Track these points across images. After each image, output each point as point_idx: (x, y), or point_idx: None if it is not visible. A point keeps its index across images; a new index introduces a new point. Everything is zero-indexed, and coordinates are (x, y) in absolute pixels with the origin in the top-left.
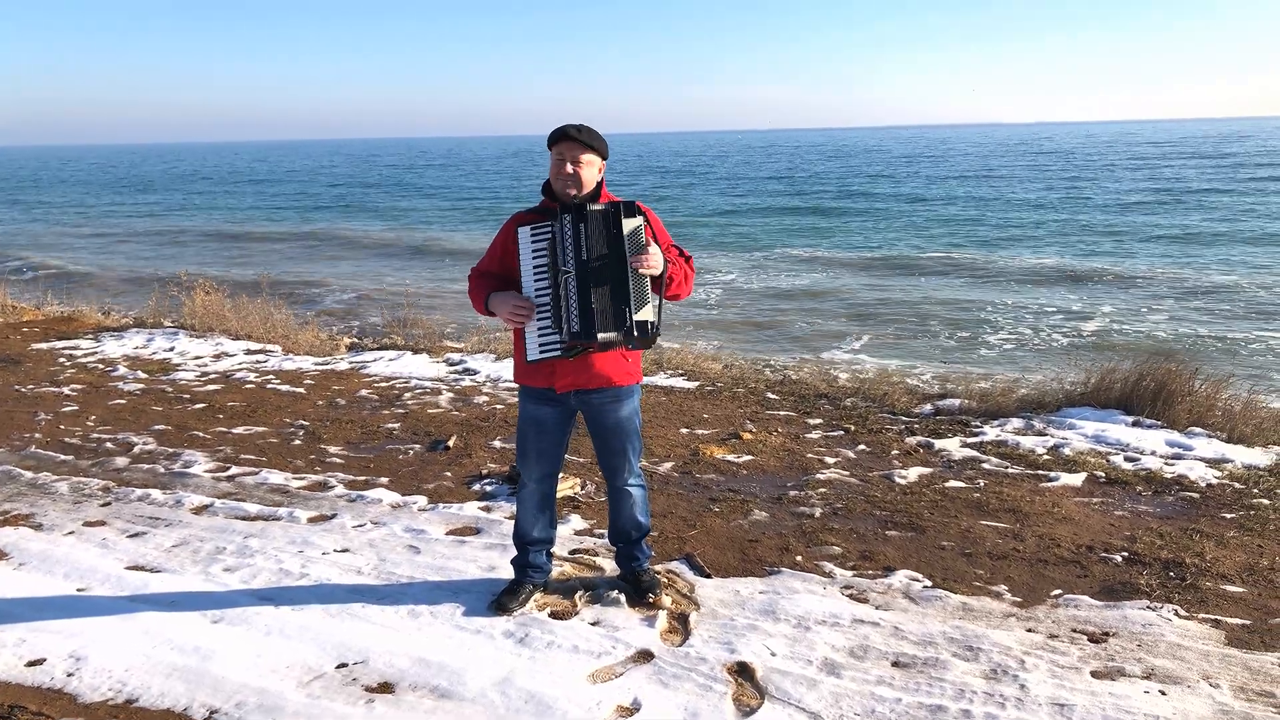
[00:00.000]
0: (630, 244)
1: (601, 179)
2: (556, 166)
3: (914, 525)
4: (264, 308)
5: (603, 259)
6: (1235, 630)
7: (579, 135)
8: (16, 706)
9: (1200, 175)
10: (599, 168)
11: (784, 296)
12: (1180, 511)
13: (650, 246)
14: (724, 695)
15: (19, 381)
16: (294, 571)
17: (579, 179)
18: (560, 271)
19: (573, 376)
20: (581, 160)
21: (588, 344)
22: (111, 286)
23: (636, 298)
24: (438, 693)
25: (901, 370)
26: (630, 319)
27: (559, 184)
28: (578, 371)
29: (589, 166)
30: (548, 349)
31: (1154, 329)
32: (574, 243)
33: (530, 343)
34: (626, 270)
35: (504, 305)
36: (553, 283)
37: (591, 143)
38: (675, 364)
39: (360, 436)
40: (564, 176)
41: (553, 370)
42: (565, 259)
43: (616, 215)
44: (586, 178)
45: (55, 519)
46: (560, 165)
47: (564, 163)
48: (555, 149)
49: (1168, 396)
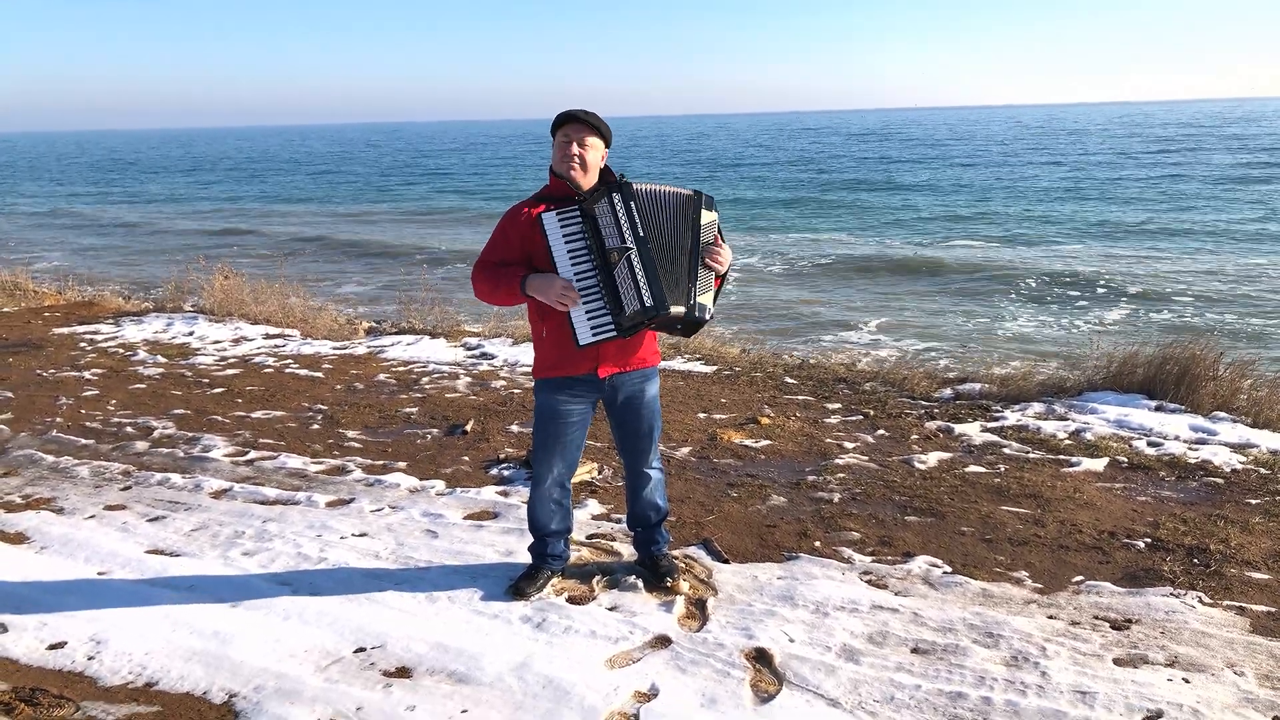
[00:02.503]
0: (706, 234)
1: (605, 165)
2: (562, 148)
3: (934, 511)
4: (282, 292)
5: (668, 238)
6: (1260, 617)
7: (586, 117)
8: (38, 689)
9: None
10: (602, 153)
11: (802, 280)
12: (1204, 497)
13: (725, 245)
14: (742, 681)
15: (41, 366)
16: (312, 556)
17: (584, 161)
18: (616, 250)
19: (615, 360)
20: (587, 143)
21: (653, 319)
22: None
23: (702, 283)
24: (455, 677)
25: (921, 354)
26: (695, 298)
27: (563, 165)
28: (620, 355)
29: (594, 150)
30: (601, 330)
31: (1179, 315)
32: (628, 221)
33: (580, 327)
34: (698, 257)
35: (549, 288)
36: (599, 264)
37: (597, 125)
38: (693, 348)
39: (378, 421)
40: (569, 157)
41: (598, 354)
42: (619, 237)
43: (695, 203)
44: (591, 160)
45: (76, 503)
46: (566, 146)
47: (570, 144)
48: (561, 131)
49: (1191, 381)
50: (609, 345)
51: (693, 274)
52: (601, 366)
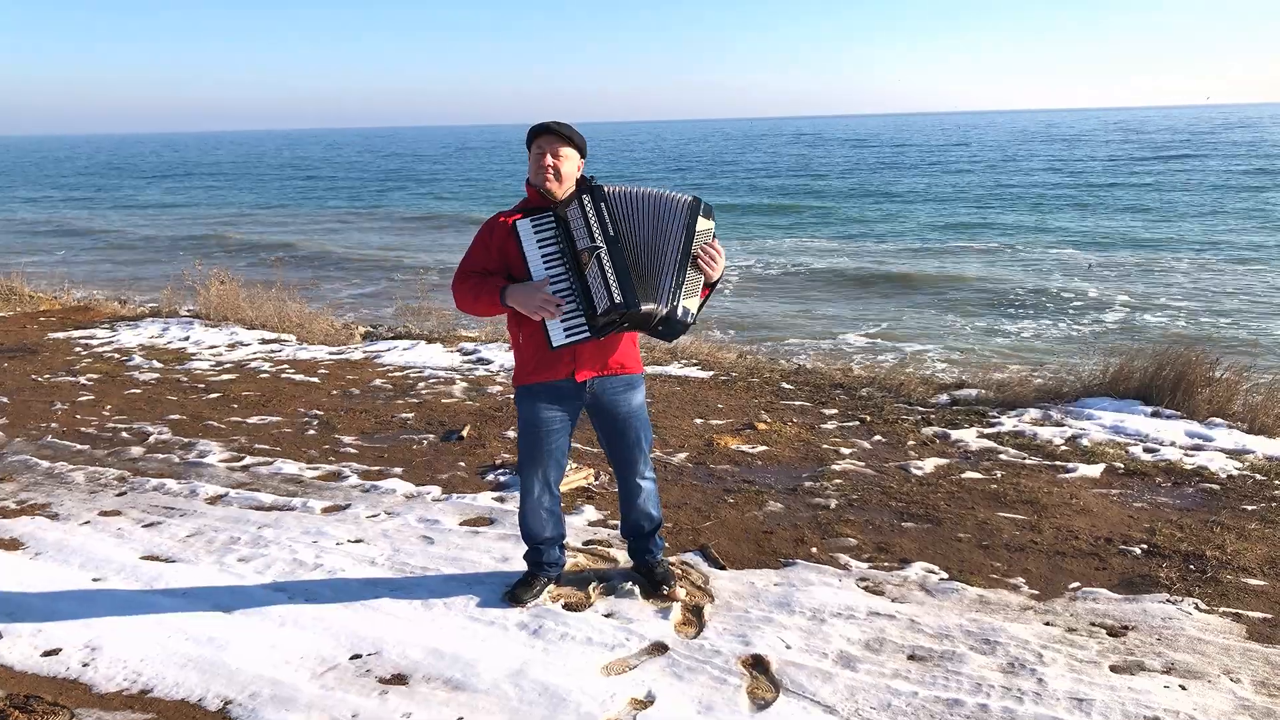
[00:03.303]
0: (699, 240)
1: (581, 174)
2: (536, 160)
3: (930, 517)
4: (279, 297)
5: (645, 238)
6: (1257, 624)
7: (558, 129)
8: (33, 696)
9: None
10: (578, 163)
11: (798, 284)
12: (1200, 503)
13: (720, 254)
14: (738, 688)
15: (36, 371)
16: (308, 562)
17: (559, 171)
18: (586, 250)
19: (592, 363)
20: (561, 154)
21: (624, 315)
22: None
23: (689, 286)
24: (451, 684)
25: (918, 360)
26: (679, 300)
27: (539, 177)
28: (596, 358)
29: (568, 160)
30: (575, 331)
31: (1174, 319)
32: (598, 221)
33: (553, 329)
34: (686, 260)
35: (531, 297)
36: (571, 266)
37: (570, 136)
38: (689, 353)
39: (374, 426)
40: (544, 169)
41: (574, 357)
42: (589, 237)
43: (693, 209)
44: (566, 171)
45: (71, 508)
46: (540, 159)
47: (544, 155)
48: (536, 143)
49: (1187, 387)
50: (586, 348)
51: (678, 276)
52: (579, 371)
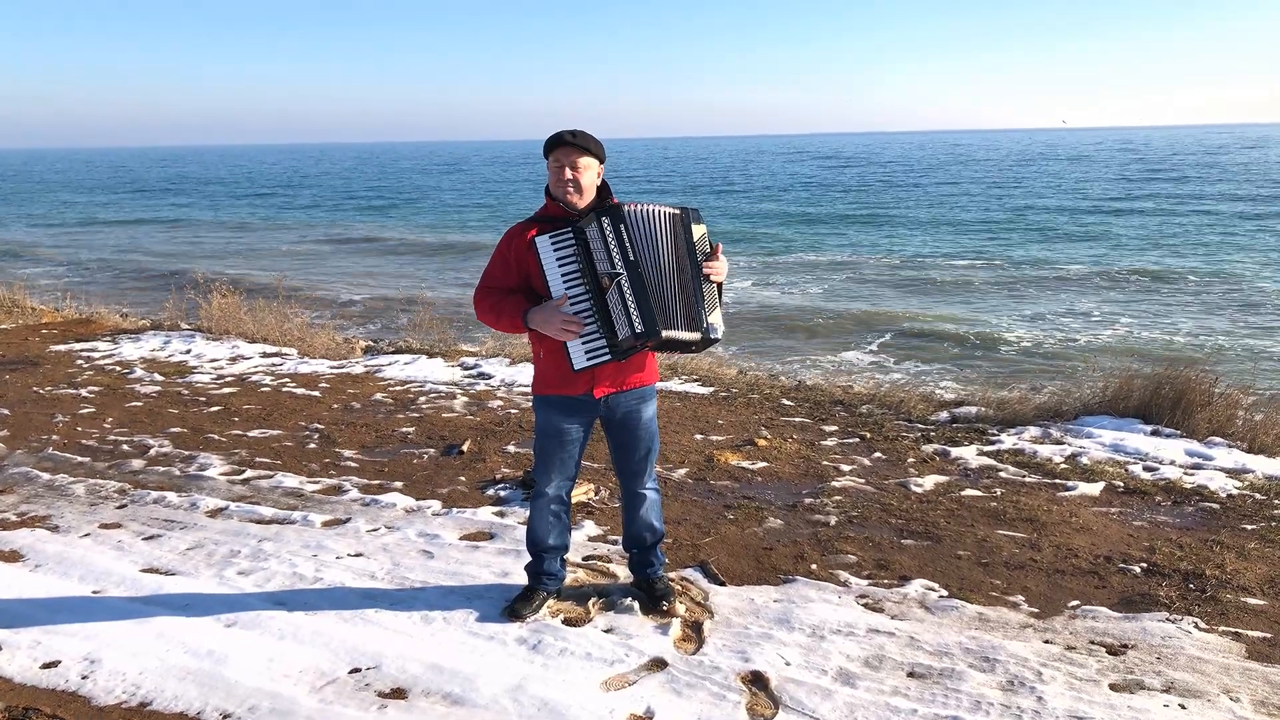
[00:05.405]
0: (700, 249)
1: (602, 181)
2: (555, 173)
3: (930, 534)
4: (280, 310)
5: (663, 259)
6: (1256, 643)
7: (574, 140)
8: (32, 709)
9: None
10: (597, 171)
11: (799, 302)
12: (1200, 522)
13: (720, 255)
14: (738, 705)
15: (37, 383)
16: (308, 576)
17: (579, 184)
18: (606, 275)
19: (610, 380)
20: (579, 165)
21: (646, 343)
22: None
23: (709, 301)
24: (450, 699)
25: (918, 377)
26: (705, 320)
27: (559, 190)
28: (614, 375)
29: (587, 170)
30: (596, 355)
31: (1174, 337)
32: (618, 245)
33: (575, 352)
34: (699, 274)
35: (551, 319)
36: (591, 288)
37: (587, 146)
38: (690, 369)
39: (375, 440)
40: (564, 182)
41: (593, 376)
42: (609, 261)
43: (685, 221)
44: (586, 182)
45: (71, 521)
46: (560, 171)
47: (563, 169)
48: (553, 155)
49: (1187, 405)
50: (605, 367)
51: (699, 294)
52: (597, 387)
